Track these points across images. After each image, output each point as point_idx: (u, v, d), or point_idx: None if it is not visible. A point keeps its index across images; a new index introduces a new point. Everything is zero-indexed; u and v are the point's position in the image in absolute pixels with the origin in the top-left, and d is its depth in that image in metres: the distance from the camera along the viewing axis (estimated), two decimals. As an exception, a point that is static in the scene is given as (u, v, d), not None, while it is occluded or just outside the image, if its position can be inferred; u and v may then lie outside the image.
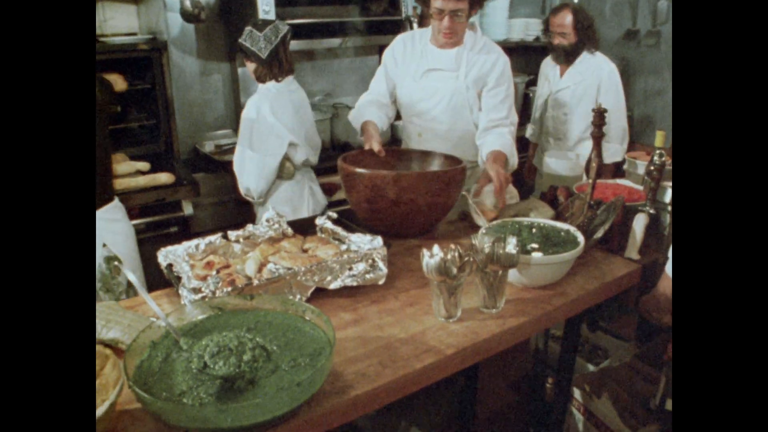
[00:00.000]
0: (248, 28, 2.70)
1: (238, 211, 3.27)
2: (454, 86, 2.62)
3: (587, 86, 3.44)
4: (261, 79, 2.75)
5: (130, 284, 2.20)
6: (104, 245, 2.26)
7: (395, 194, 1.87)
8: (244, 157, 2.75)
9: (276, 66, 2.73)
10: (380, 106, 2.69)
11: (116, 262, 1.40)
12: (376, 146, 2.29)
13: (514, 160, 2.54)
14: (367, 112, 2.62)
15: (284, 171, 2.81)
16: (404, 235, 1.70)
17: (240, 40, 2.71)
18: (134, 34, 3.45)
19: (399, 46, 2.72)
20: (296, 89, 2.86)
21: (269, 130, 2.69)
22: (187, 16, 3.25)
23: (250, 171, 2.74)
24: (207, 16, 3.36)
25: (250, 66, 2.76)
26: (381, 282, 1.65)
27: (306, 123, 2.86)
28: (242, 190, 2.83)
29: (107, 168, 2.40)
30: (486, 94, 2.61)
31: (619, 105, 3.43)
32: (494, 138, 2.52)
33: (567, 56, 3.46)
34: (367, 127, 2.48)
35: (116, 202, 2.43)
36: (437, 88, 2.63)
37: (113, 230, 2.36)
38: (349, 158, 2.15)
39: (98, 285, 2.16)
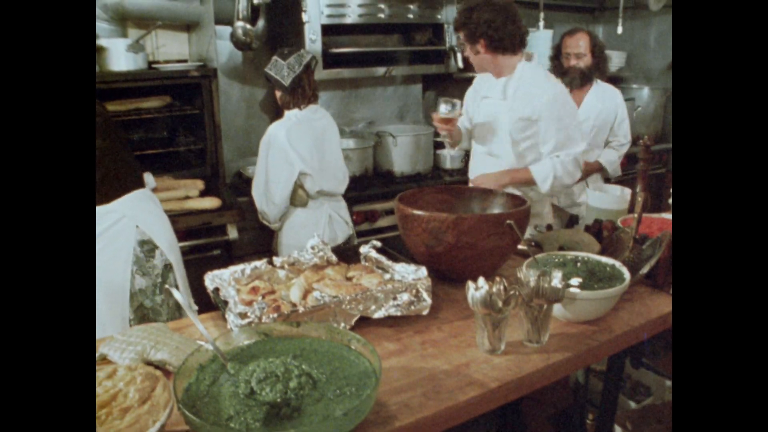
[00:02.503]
0: (274, 57, 2.79)
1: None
2: (498, 113, 2.77)
3: (606, 117, 3.42)
4: (285, 106, 2.83)
5: (167, 267, 2.19)
6: (137, 227, 2.17)
7: (454, 238, 1.77)
8: (260, 181, 2.82)
9: (299, 94, 2.80)
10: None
11: (167, 285, 1.43)
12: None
13: (544, 186, 2.74)
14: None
15: (297, 198, 2.86)
16: (464, 279, 1.59)
17: (266, 69, 2.79)
18: (185, 60, 3.56)
19: (477, 79, 2.97)
20: (321, 117, 2.91)
21: (283, 157, 2.76)
22: (239, 44, 3.34)
23: (264, 195, 2.81)
24: (257, 44, 3.45)
25: (278, 94, 2.83)
26: (425, 312, 1.65)
27: (327, 152, 2.90)
28: (259, 214, 2.90)
29: (130, 162, 2.30)
30: (533, 127, 2.74)
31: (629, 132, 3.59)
32: (534, 164, 2.78)
33: (582, 80, 3.38)
34: None
35: (147, 190, 2.33)
36: (486, 114, 2.83)
37: (146, 209, 2.23)
38: (406, 197, 2.04)
39: (134, 268, 2.13)
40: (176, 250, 2.31)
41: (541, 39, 4.47)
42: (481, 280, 1.46)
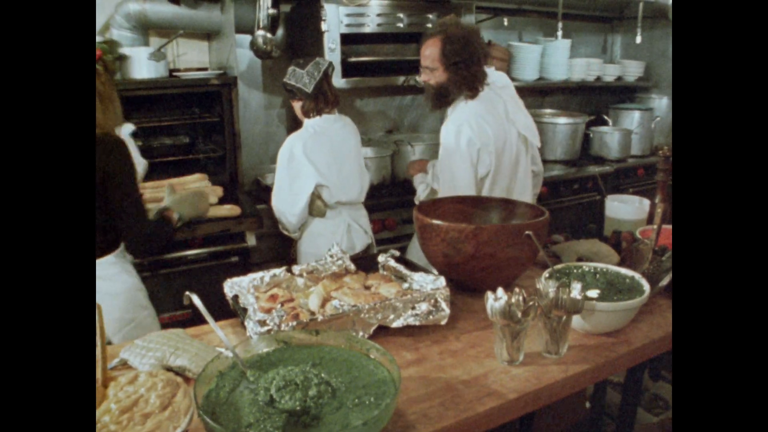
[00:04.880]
0: (291, 68, 2.80)
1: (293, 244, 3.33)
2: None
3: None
4: (308, 114, 2.84)
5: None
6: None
7: (474, 248, 1.77)
8: (278, 191, 2.83)
9: (321, 99, 2.80)
10: None
11: (187, 292, 1.43)
12: None
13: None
14: None
15: (314, 209, 2.88)
16: (482, 289, 1.59)
17: (284, 80, 2.80)
18: (205, 68, 3.59)
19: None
20: (341, 127, 2.91)
21: (299, 169, 2.77)
22: (259, 52, 3.37)
23: (282, 206, 2.82)
24: (277, 52, 3.47)
25: (297, 105, 2.85)
26: (443, 322, 1.65)
27: (346, 163, 2.90)
28: (278, 223, 2.92)
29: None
30: None
31: None
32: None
33: (435, 99, 2.69)
34: None
35: (114, 256, 2.20)
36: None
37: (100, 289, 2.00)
38: (425, 207, 2.05)
39: None
40: (122, 330, 2.21)
41: (559, 49, 4.47)
42: (500, 291, 1.46)
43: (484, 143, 2.56)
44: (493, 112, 2.64)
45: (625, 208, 2.78)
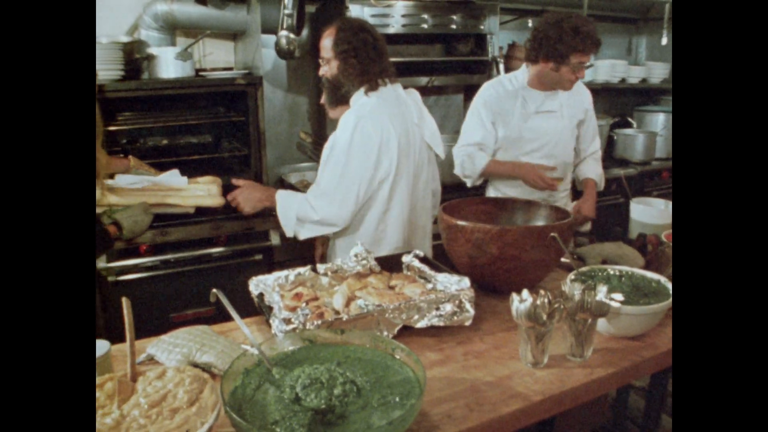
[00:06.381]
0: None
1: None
2: (561, 125, 2.99)
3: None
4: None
5: None
6: None
7: (499, 249, 1.77)
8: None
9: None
10: (487, 150, 3.02)
11: (214, 289, 1.45)
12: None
13: (602, 184, 3.19)
14: (480, 156, 2.98)
15: None
16: (505, 291, 1.60)
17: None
18: (230, 68, 3.62)
19: (490, 92, 3.03)
20: None
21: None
22: (282, 53, 3.39)
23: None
24: (300, 53, 3.49)
25: (335, 112, 2.83)
26: (467, 323, 1.65)
27: None
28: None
29: None
30: (582, 128, 3.10)
31: None
32: (590, 167, 3.18)
33: (330, 94, 2.43)
34: (516, 164, 2.94)
35: None
36: (546, 129, 2.97)
37: None
38: (450, 208, 2.03)
39: None
40: None
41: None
42: (526, 293, 1.45)
43: (385, 141, 2.25)
44: (397, 111, 2.34)
45: (650, 212, 2.76)
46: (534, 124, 2.96)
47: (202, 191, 2.69)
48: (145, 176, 2.62)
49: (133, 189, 2.51)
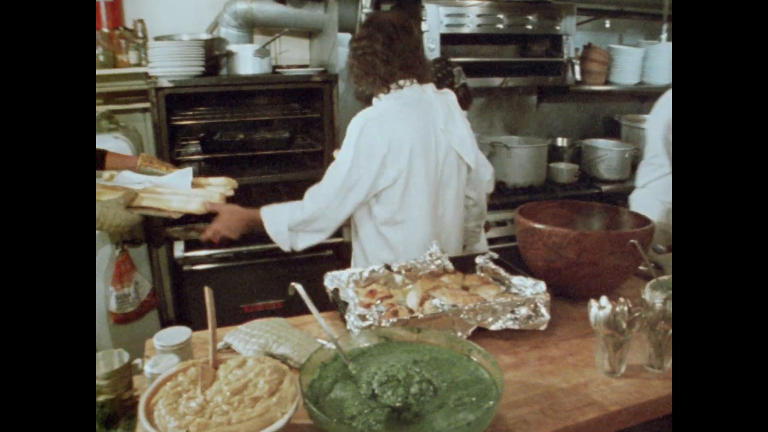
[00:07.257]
0: (457, 69, 2.83)
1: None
2: None
3: None
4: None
5: None
6: None
7: (576, 254, 1.74)
8: None
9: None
10: None
11: (293, 283, 1.48)
12: None
13: None
14: None
15: None
16: (581, 296, 1.58)
17: (463, 81, 2.84)
18: (305, 65, 3.68)
19: None
20: None
21: None
22: (356, 51, 3.42)
23: None
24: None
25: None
26: (542, 328, 1.63)
27: None
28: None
29: None
30: None
31: None
32: None
33: (357, 93, 2.46)
34: None
35: None
36: None
37: None
38: (526, 210, 2.00)
39: None
40: None
41: (662, 52, 4.28)
42: (604, 300, 1.43)
43: (395, 146, 2.10)
44: (416, 115, 2.16)
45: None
46: None
47: (201, 195, 2.41)
48: (149, 176, 2.51)
49: (130, 188, 2.36)
